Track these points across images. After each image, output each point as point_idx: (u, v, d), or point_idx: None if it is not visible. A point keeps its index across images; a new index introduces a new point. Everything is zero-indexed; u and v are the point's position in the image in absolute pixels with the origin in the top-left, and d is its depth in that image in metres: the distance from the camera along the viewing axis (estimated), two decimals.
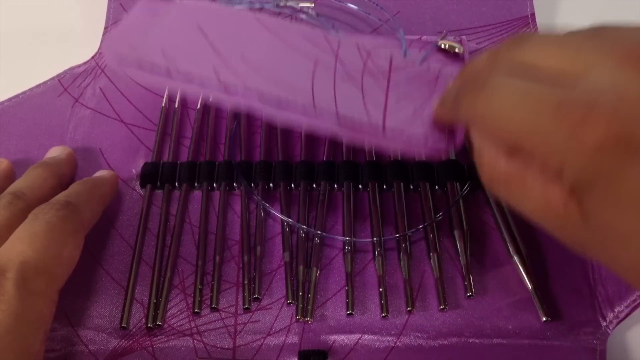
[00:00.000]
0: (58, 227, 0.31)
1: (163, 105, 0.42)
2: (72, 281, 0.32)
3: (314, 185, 0.39)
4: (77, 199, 0.33)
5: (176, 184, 0.39)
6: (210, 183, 0.39)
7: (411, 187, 0.38)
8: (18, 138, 0.41)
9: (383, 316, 0.34)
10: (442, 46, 0.42)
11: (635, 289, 0.34)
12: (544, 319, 0.33)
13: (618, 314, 0.34)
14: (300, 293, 0.34)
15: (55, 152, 0.39)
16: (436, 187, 0.38)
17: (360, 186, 0.38)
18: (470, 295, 0.34)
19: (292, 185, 0.39)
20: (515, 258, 0.35)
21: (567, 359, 0.33)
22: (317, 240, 0.36)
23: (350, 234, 0.36)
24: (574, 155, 0.22)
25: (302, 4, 0.45)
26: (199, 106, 0.42)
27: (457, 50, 0.42)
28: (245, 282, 0.35)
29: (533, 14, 0.46)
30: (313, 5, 0.46)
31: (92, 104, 0.42)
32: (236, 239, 0.37)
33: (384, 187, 0.38)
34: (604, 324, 0.34)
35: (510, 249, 0.35)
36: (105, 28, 0.47)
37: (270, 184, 0.39)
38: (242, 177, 0.38)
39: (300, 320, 0.34)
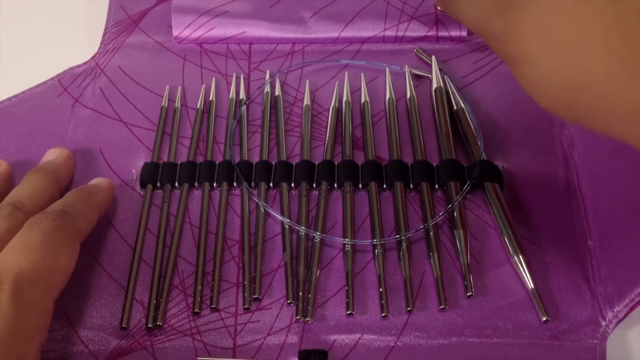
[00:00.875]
0: (53, 237, 0.31)
1: (163, 105, 0.42)
2: (72, 281, 0.32)
3: (314, 185, 0.39)
4: (73, 209, 0.33)
5: (176, 184, 0.39)
6: (210, 183, 0.39)
7: (411, 186, 0.38)
8: (18, 138, 0.41)
9: (383, 316, 0.34)
10: None
11: (631, 287, 0.34)
12: (544, 319, 0.33)
13: (617, 314, 0.34)
14: (300, 293, 0.34)
15: (53, 154, 0.38)
16: (436, 187, 0.38)
17: (360, 186, 0.38)
18: (470, 295, 0.34)
19: (292, 185, 0.39)
20: (515, 258, 0.35)
21: (567, 359, 0.33)
22: (317, 240, 0.36)
23: (350, 234, 0.36)
24: None
25: None
26: (199, 106, 0.42)
27: None
28: (245, 282, 0.35)
29: None
30: None
31: (92, 104, 0.42)
32: (236, 239, 0.37)
33: (384, 187, 0.38)
34: (604, 323, 0.34)
35: (510, 249, 0.35)
36: (106, 28, 0.47)
37: (270, 184, 0.39)
38: (242, 177, 0.38)
39: (300, 320, 0.34)
